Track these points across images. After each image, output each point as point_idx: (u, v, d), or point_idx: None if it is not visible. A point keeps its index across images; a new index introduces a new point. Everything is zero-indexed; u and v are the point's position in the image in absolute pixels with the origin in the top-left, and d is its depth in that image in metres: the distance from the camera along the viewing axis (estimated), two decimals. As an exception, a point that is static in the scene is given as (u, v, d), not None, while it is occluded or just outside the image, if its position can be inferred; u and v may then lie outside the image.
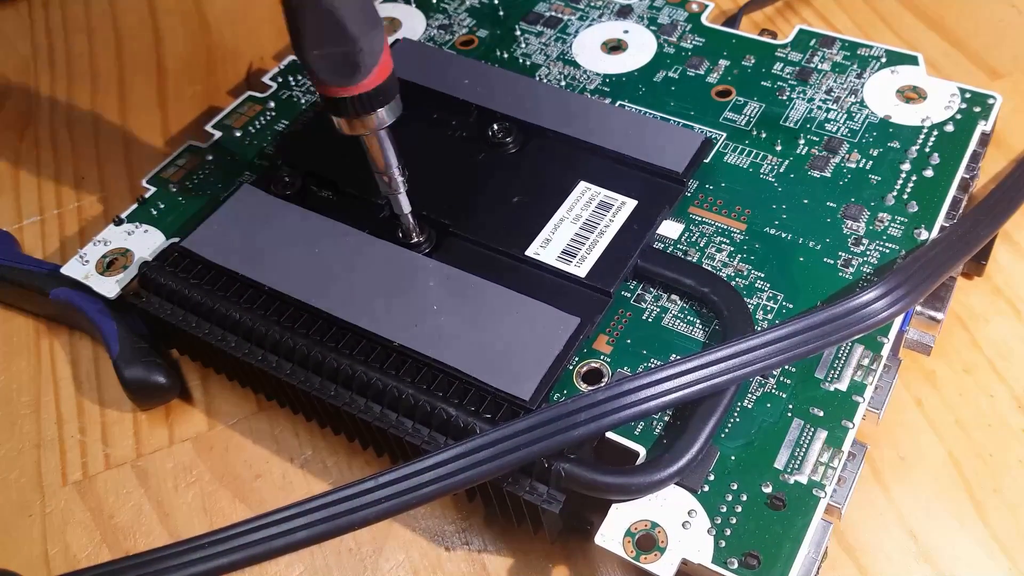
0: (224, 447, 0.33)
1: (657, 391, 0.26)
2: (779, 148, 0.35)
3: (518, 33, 0.42)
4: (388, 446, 0.30)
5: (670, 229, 0.33)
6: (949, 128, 0.35)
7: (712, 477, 0.27)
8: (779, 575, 0.25)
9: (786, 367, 0.29)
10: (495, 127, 0.35)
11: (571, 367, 0.30)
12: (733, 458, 0.27)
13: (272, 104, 0.40)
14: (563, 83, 0.39)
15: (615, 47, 0.40)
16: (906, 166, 0.34)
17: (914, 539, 0.29)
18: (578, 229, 0.32)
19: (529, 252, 0.32)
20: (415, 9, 0.43)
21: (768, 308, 0.30)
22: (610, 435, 0.28)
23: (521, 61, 0.40)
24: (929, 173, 0.34)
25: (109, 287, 0.33)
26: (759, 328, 0.29)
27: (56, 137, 0.44)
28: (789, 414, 0.28)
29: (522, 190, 0.34)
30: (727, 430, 0.28)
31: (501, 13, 0.43)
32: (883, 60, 0.38)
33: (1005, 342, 0.33)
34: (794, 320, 0.27)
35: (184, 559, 0.24)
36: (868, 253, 0.32)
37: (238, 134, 0.39)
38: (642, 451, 0.27)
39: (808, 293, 0.31)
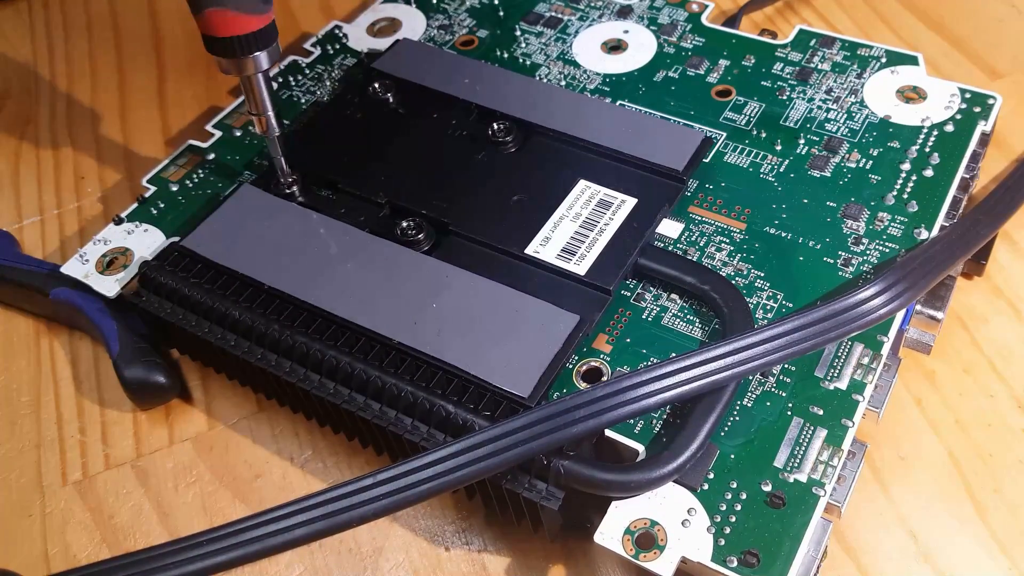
0: (224, 447, 0.33)
1: (656, 388, 0.26)
2: (779, 148, 0.35)
3: (518, 33, 0.42)
4: (387, 444, 0.30)
5: (670, 228, 0.33)
6: (949, 128, 0.35)
7: (712, 475, 0.27)
8: (779, 573, 0.25)
9: (785, 365, 0.29)
10: (495, 126, 0.35)
11: (571, 366, 0.29)
12: (733, 456, 0.27)
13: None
14: (563, 83, 0.39)
15: (615, 47, 0.40)
16: (906, 166, 0.34)
17: (914, 539, 0.28)
18: (578, 227, 0.32)
19: (529, 250, 0.32)
20: (415, 9, 0.43)
21: (768, 308, 0.30)
22: (609, 433, 0.28)
23: (521, 61, 0.40)
24: (929, 173, 0.34)
25: (109, 286, 0.33)
26: (758, 326, 0.29)
27: (56, 137, 0.44)
28: (789, 412, 0.28)
29: (522, 188, 0.34)
30: (727, 428, 0.28)
31: (501, 13, 0.43)
32: (883, 60, 0.38)
33: (1005, 342, 0.33)
34: (792, 317, 0.27)
35: (182, 557, 0.24)
36: (868, 253, 0.31)
37: (238, 134, 0.39)
38: (641, 449, 0.27)
39: (808, 292, 0.31)
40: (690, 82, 0.38)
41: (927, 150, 0.34)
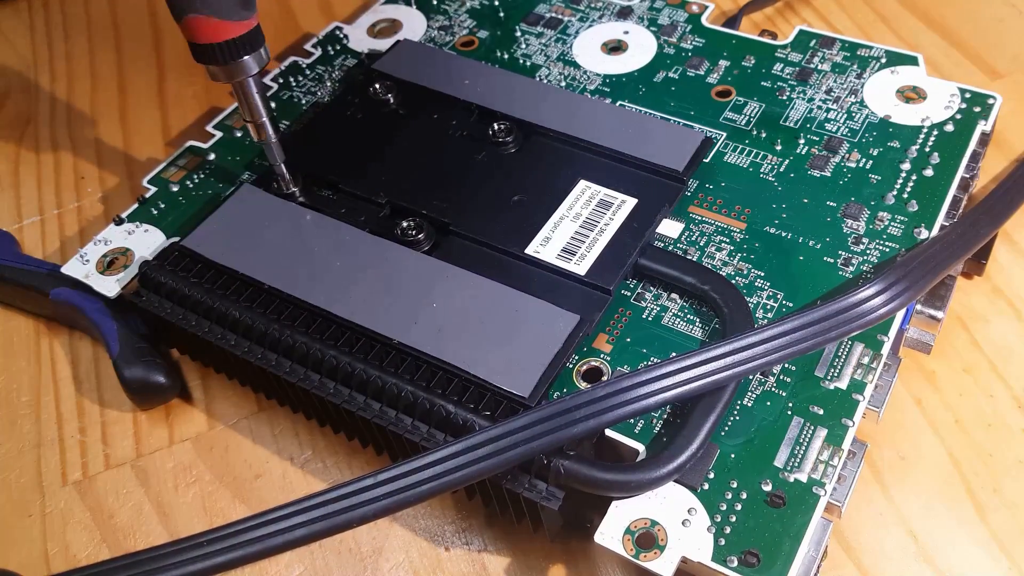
0: (224, 447, 0.33)
1: (656, 388, 0.26)
2: (779, 148, 0.35)
3: (518, 34, 0.42)
4: (387, 444, 0.30)
5: (670, 228, 0.33)
6: (949, 128, 0.35)
7: (712, 475, 0.27)
8: (779, 573, 0.25)
9: (786, 365, 0.29)
10: (495, 126, 0.35)
11: (571, 365, 0.30)
12: (733, 456, 0.27)
13: (272, 104, 0.40)
14: (563, 84, 0.39)
15: (615, 48, 0.40)
16: (906, 166, 0.34)
17: (914, 539, 0.28)
18: (578, 227, 0.32)
19: (529, 250, 0.32)
20: (415, 10, 0.43)
21: (768, 307, 0.30)
22: (609, 432, 0.28)
23: (521, 62, 0.40)
24: (929, 172, 0.34)
25: (109, 286, 0.33)
26: (758, 325, 0.29)
27: (56, 137, 0.44)
28: (789, 412, 0.28)
29: (522, 189, 0.34)
30: (727, 428, 0.28)
31: (501, 14, 0.43)
32: (883, 60, 0.38)
33: (1005, 342, 0.33)
34: (792, 317, 0.27)
35: (182, 557, 0.24)
36: (868, 252, 0.32)
37: (238, 134, 0.39)
38: (641, 448, 0.27)
39: (808, 292, 0.31)
40: (690, 82, 0.38)
41: (927, 150, 0.34)
